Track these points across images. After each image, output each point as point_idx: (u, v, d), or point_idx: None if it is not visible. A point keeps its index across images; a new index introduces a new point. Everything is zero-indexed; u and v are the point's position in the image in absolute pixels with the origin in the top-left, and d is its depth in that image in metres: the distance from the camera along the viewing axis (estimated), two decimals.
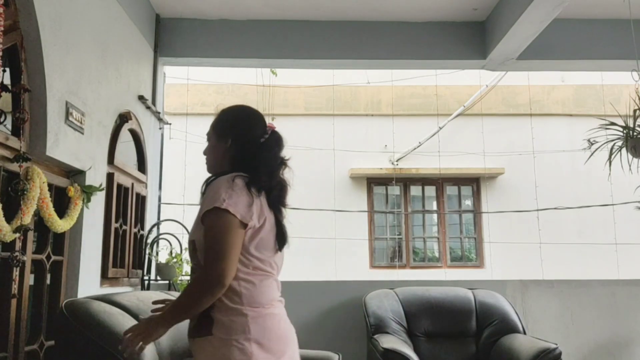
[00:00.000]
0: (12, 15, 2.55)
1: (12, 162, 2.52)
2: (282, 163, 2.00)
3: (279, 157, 1.99)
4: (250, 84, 8.20)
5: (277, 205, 1.93)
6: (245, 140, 1.90)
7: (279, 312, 1.84)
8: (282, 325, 1.82)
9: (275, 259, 1.89)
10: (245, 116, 2.00)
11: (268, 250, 1.84)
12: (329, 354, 3.22)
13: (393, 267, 8.37)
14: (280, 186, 1.97)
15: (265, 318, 1.76)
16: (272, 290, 1.83)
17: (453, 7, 4.72)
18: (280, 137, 2.01)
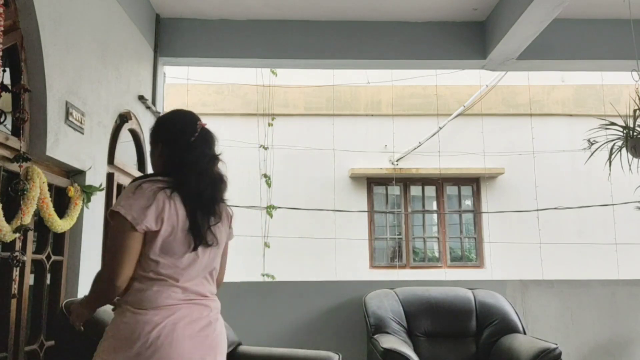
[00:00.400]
0: (12, 15, 2.55)
1: (12, 162, 2.52)
2: (213, 159, 1.95)
3: (209, 154, 1.93)
4: (250, 84, 8.20)
5: (201, 204, 1.84)
6: (173, 142, 1.88)
7: (158, 320, 1.68)
8: (153, 333, 1.65)
9: (185, 261, 1.76)
10: (172, 119, 1.97)
11: (173, 254, 1.75)
12: (329, 354, 3.22)
13: (393, 267, 8.37)
14: (213, 183, 1.92)
15: (137, 322, 1.68)
16: (160, 297, 1.71)
17: (453, 7, 4.72)
18: (208, 134, 1.95)
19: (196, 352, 1.72)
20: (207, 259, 1.85)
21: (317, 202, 8.13)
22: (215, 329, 1.84)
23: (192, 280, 1.79)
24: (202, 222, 1.82)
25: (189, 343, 1.71)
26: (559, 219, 8.22)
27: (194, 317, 1.76)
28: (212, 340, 1.81)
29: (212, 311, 1.85)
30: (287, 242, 7.79)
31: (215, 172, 1.96)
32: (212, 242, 1.84)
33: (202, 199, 1.85)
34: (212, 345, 1.80)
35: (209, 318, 1.81)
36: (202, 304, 1.80)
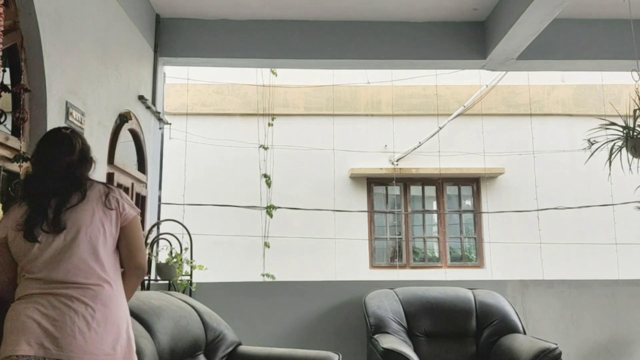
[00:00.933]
0: (12, 15, 2.55)
1: (12, 162, 2.52)
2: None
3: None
4: (250, 84, 8.20)
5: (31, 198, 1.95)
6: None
7: (19, 307, 1.85)
8: (20, 317, 1.82)
9: (31, 257, 1.89)
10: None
11: (22, 255, 1.90)
12: (329, 354, 3.21)
13: (393, 267, 8.37)
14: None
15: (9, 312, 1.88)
16: (21, 289, 1.89)
17: (453, 7, 4.72)
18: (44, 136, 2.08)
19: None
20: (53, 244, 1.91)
21: (317, 202, 8.12)
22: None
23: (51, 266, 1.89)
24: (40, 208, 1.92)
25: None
26: (559, 219, 8.22)
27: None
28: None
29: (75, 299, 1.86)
30: (287, 242, 7.79)
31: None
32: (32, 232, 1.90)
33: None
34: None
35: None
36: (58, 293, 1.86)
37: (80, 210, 1.93)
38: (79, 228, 1.91)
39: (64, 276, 1.87)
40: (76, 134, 2.07)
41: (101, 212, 1.96)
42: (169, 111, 6.91)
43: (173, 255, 4.26)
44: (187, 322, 2.92)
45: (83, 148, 2.04)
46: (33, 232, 1.88)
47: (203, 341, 3.03)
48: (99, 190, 1.99)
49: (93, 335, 1.82)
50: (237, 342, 3.30)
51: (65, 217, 1.91)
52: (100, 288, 1.89)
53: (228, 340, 3.20)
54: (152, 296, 2.95)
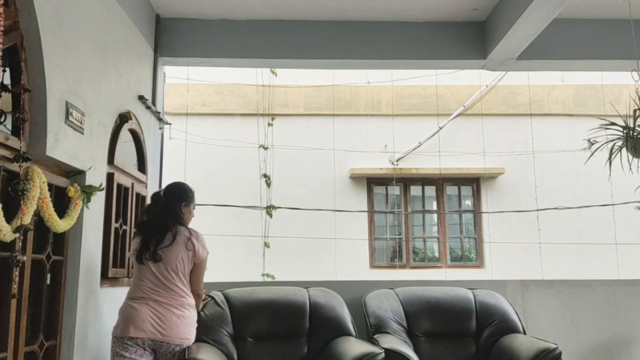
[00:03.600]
0: (12, 15, 2.55)
1: (12, 162, 2.52)
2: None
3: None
4: (250, 84, 8.20)
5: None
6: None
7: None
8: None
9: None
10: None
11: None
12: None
13: (393, 267, 8.37)
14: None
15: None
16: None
17: (453, 7, 4.72)
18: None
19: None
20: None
21: (317, 202, 8.12)
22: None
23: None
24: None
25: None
26: (559, 219, 8.22)
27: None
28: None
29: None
30: (287, 242, 7.79)
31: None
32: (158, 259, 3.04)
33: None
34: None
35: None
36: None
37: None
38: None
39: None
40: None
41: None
42: (169, 111, 6.91)
43: None
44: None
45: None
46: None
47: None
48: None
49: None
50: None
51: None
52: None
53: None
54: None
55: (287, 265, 7.68)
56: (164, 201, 3.10)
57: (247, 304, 3.93)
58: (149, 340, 2.91)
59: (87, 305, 3.25)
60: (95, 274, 3.39)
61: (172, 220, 3.07)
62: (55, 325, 3.02)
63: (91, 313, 3.31)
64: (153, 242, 3.00)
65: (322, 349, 3.83)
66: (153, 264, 2.99)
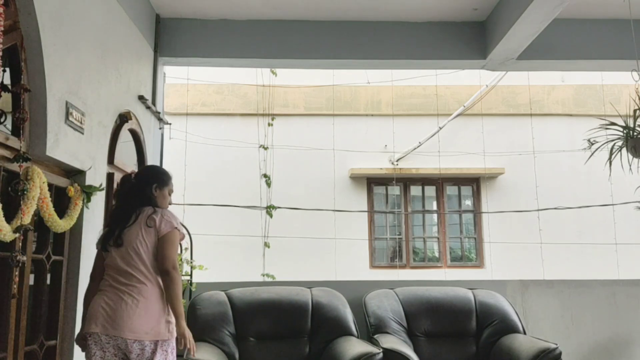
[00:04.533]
0: (12, 15, 2.55)
1: (12, 162, 2.52)
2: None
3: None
4: (250, 84, 8.19)
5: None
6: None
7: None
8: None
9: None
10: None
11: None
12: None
13: (393, 267, 8.36)
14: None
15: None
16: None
17: (453, 7, 4.72)
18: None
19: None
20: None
21: (317, 202, 8.12)
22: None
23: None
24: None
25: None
26: (559, 219, 8.22)
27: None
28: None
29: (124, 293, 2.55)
30: (287, 242, 7.78)
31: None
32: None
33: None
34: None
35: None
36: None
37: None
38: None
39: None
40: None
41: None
42: (169, 111, 6.91)
43: None
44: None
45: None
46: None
47: None
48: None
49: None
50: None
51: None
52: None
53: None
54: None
55: (287, 265, 7.68)
56: (133, 183, 2.74)
57: (250, 304, 3.94)
58: (105, 336, 2.46)
59: None
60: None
61: (138, 202, 2.68)
62: (55, 325, 3.02)
63: None
64: (119, 227, 2.63)
65: (323, 349, 3.84)
66: (116, 250, 2.59)
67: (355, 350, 3.44)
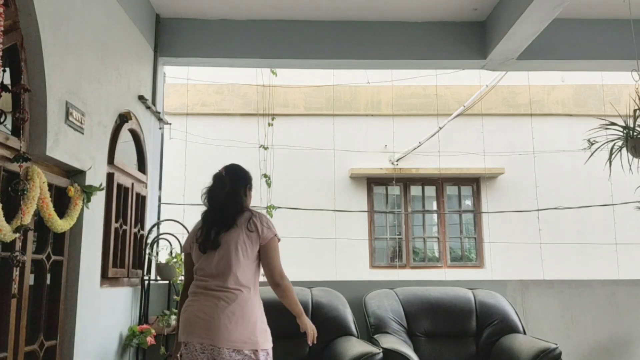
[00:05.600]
0: (12, 15, 2.55)
1: (12, 162, 2.52)
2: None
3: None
4: (250, 84, 8.20)
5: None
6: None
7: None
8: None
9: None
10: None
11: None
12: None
13: (393, 267, 8.37)
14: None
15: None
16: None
17: (453, 7, 4.72)
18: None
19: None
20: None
21: (317, 202, 8.12)
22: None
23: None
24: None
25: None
26: (559, 219, 8.22)
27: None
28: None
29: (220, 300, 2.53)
30: (287, 242, 7.73)
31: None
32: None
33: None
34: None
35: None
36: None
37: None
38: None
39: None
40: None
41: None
42: (169, 111, 6.91)
43: (173, 255, 4.26)
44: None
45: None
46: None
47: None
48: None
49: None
50: None
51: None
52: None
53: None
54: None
55: (286, 265, 7.66)
56: (227, 184, 2.72)
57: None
58: (200, 346, 2.46)
59: (87, 305, 3.25)
60: (95, 274, 3.39)
61: (233, 204, 2.69)
62: (55, 325, 3.02)
63: (91, 313, 3.31)
64: (214, 229, 2.63)
65: (323, 349, 3.84)
66: (211, 253, 2.59)
67: (355, 351, 3.44)
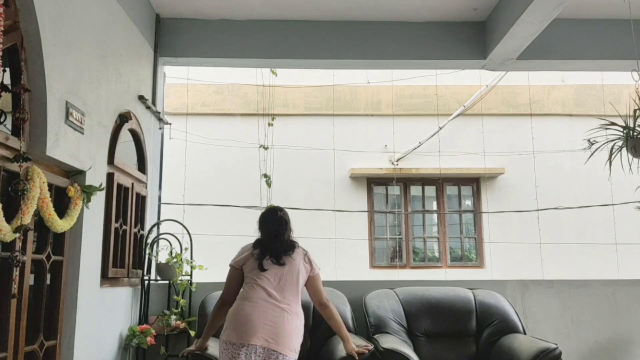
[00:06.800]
0: (12, 15, 2.55)
1: (12, 162, 2.52)
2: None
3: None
4: (250, 84, 8.20)
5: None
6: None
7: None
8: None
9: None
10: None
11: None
12: None
13: (393, 267, 8.37)
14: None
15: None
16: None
17: (453, 7, 4.72)
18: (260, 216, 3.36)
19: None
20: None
21: (317, 202, 8.12)
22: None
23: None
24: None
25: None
26: (559, 219, 8.22)
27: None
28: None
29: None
30: None
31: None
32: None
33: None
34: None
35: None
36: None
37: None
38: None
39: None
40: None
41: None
42: (169, 111, 6.91)
43: (173, 255, 4.26)
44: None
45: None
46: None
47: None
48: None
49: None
50: None
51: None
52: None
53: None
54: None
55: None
56: (284, 222, 3.28)
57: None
58: (262, 349, 2.83)
59: (87, 305, 3.25)
60: (95, 274, 3.39)
61: (287, 238, 3.27)
62: (55, 325, 3.02)
63: (91, 313, 3.32)
64: (275, 251, 3.17)
65: (322, 345, 3.91)
66: (276, 269, 3.10)
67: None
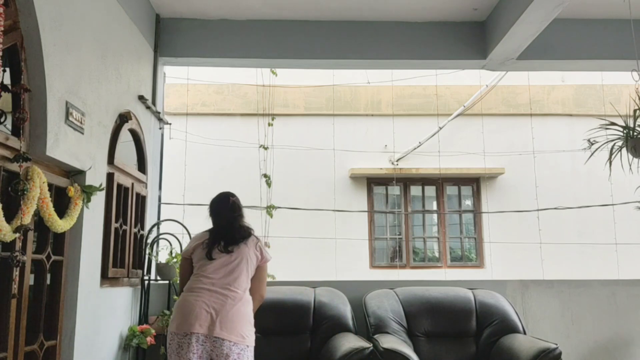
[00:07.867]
0: (12, 15, 2.55)
1: (12, 162, 2.52)
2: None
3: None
4: (250, 84, 8.20)
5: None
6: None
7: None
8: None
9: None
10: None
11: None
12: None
13: (393, 267, 8.37)
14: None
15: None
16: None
17: (453, 7, 4.72)
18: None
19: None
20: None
21: (317, 202, 8.12)
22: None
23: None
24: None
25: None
26: (559, 219, 8.22)
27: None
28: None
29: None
30: (287, 242, 7.79)
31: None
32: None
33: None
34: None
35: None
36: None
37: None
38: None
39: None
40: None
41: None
42: (169, 111, 6.91)
43: (173, 255, 4.26)
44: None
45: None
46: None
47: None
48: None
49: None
50: None
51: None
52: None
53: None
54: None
55: (287, 265, 7.67)
56: (236, 208, 3.21)
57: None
58: (204, 337, 2.83)
59: (87, 305, 3.25)
60: (95, 274, 3.39)
61: (239, 225, 3.17)
62: (55, 325, 3.02)
63: (91, 313, 3.32)
64: (224, 239, 3.09)
65: (323, 344, 3.93)
66: (223, 258, 3.03)
67: (347, 346, 3.55)
